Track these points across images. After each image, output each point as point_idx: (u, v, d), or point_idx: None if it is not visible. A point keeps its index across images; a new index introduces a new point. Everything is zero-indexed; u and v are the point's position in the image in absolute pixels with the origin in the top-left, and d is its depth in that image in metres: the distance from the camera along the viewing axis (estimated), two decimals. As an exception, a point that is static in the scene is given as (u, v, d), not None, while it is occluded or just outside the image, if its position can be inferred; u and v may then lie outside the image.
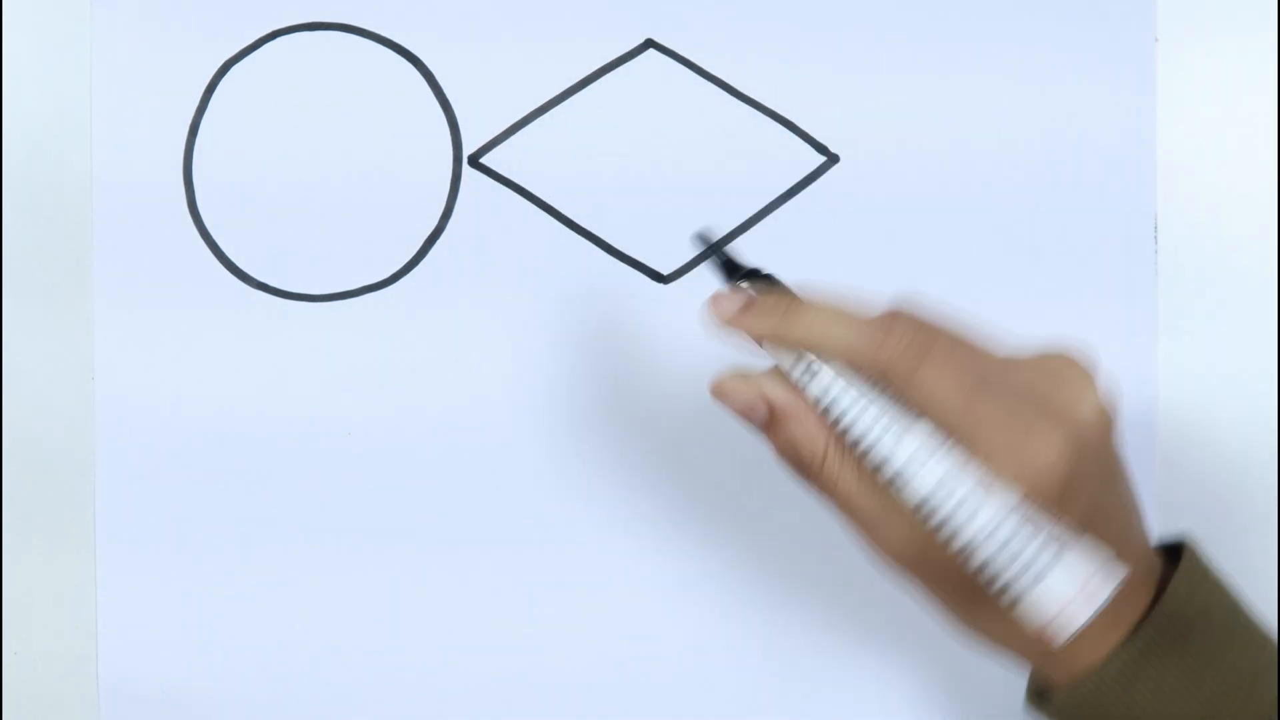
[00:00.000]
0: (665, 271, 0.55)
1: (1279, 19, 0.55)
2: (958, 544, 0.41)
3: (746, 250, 0.55)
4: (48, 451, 0.55)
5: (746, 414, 0.46)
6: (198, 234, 0.55)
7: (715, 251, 0.46)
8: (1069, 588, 0.40)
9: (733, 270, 0.45)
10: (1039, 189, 0.54)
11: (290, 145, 0.54)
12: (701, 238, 0.47)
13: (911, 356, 0.42)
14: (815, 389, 0.43)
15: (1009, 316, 0.54)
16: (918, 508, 0.41)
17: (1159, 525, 0.55)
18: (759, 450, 0.55)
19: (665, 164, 0.55)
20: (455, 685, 0.55)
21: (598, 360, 0.55)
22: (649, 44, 0.55)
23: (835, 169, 0.55)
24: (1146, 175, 0.55)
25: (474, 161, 0.55)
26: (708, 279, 0.54)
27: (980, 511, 0.40)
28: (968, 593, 0.43)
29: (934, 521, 0.41)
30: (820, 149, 0.55)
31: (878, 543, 0.43)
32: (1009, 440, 0.41)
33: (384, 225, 0.55)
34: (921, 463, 0.41)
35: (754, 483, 0.55)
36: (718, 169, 0.55)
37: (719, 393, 0.46)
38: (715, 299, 0.45)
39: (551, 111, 0.55)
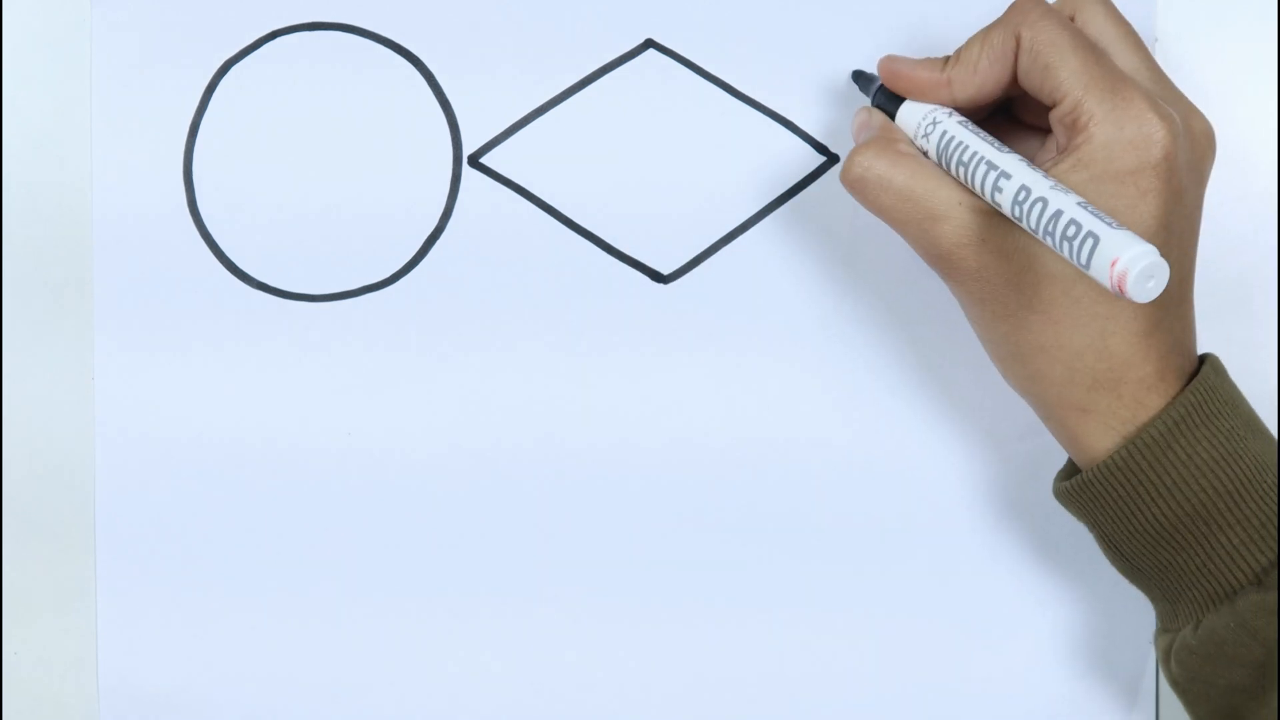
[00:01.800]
0: (665, 271, 0.55)
1: (1279, 19, 0.55)
2: (1034, 225, 0.44)
3: (746, 250, 0.55)
4: (48, 451, 0.55)
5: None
6: (198, 234, 0.55)
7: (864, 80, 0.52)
8: (1136, 245, 0.41)
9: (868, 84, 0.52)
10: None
11: (290, 145, 0.54)
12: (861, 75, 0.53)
13: (1034, 17, 0.46)
14: (935, 134, 0.48)
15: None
16: (1010, 201, 0.44)
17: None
18: (761, 449, 0.55)
19: (665, 164, 0.55)
20: (455, 684, 0.55)
21: (598, 360, 0.55)
22: (649, 44, 0.55)
23: (835, 169, 0.55)
24: (1146, 175, 0.54)
25: (474, 161, 0.55)
26: (708, 279, 0.55)
27: (1059, 197, 0.43)
28: (1021, 294, 0.46)
29: (1017, 213, 0.44)
30: (820, 149, 0.55)
31: (947, 234, 0.46)
32: (1119, 117, 0.45)
33: (384, 225, 0.55)
34: (1015, 169, 0.45)
35: (756, 481, 0.55)
36: (718, 169, 0.55)
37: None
38: (891, 60, 0.50)
39: (551, 111, 0.55)
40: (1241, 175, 0.55)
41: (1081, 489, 0.47)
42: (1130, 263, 0.40)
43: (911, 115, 0.49)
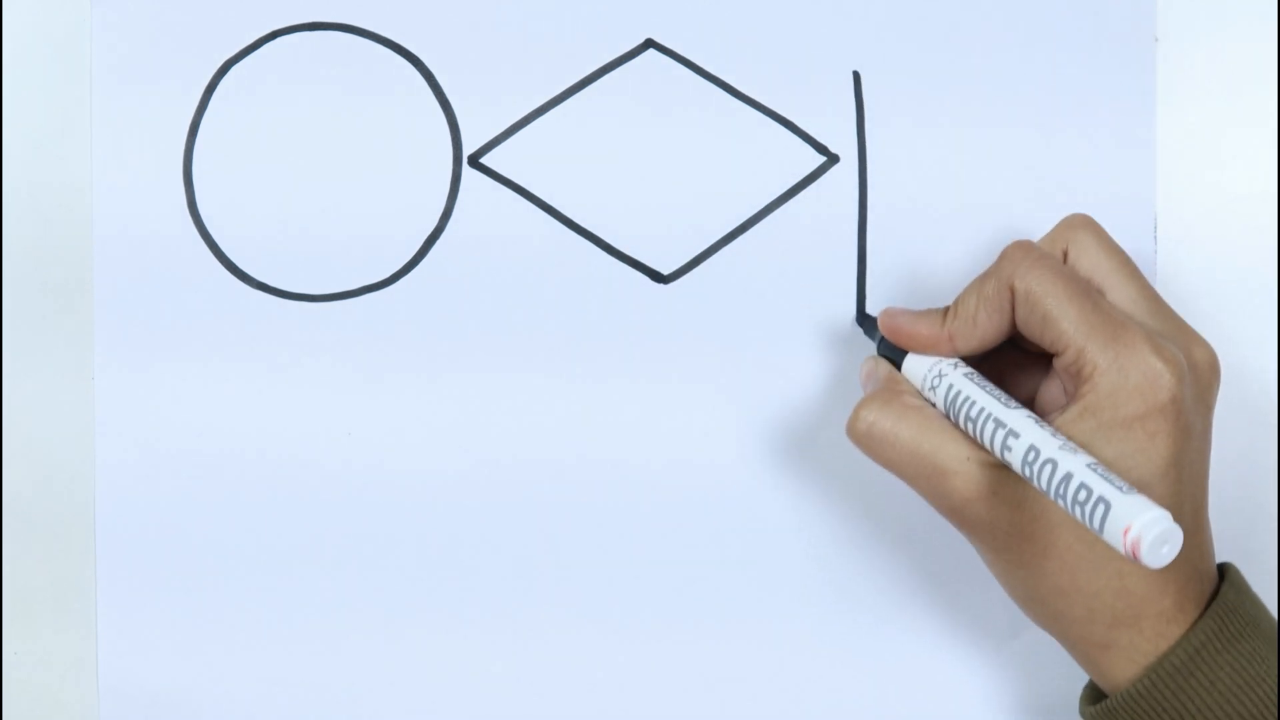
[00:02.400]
0: (665, 271, 0.55)
1: (1279, 19, 0.55)
2: (1045, 486, 0.44)
3: (746, 250, 0.55)
4: (48, 451, 0.55)
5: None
6: (198, 234, 0.55)
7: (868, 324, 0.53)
8: (1148, 511, 0.41)
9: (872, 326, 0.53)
10: (1039, 189, 0.54)
11: (290, 145, 0.54)
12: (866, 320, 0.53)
13: (1026, 266, 0.47)
14: (942, 387, 0.48)
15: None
16: (1020, 461, 0.45)
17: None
18: (764, 450, 0.55)
19: (665, 164, 0.55)
20: (455, 686, 0.55)
21: (598, 360, 0.55)
22: (649, 44, 0.55)
23: (835, 169, 0.55)
24: (1146, 175, 0.55)
25: (474, 161, 0.55)
26: (708, 279, 0.55)
27: (1069, 459, 0.43)
28: (1035, 542, 0.46)
29: (1028, 473, 0.44)
30: (820, 149, 0.55)
31: (957, 488, 0.46)
32: (1123, 364, 0.45)
33: (384, 225, 0.55)
34: (1023, 427, 0.45)
35: (756, 482, 0.55)
36: (718, 169, 0.55)
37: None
38: (890, 314, 0.50)
39: (551, 111, 0.55)
40: (1242, 175, 0.55)
41: (1107, 715, 0.47)
42: (1143, 530, 0.41)
43: (917, 367, 0.49)
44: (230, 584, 0.55)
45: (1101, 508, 0.41)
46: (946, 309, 0.49)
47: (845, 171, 0.55)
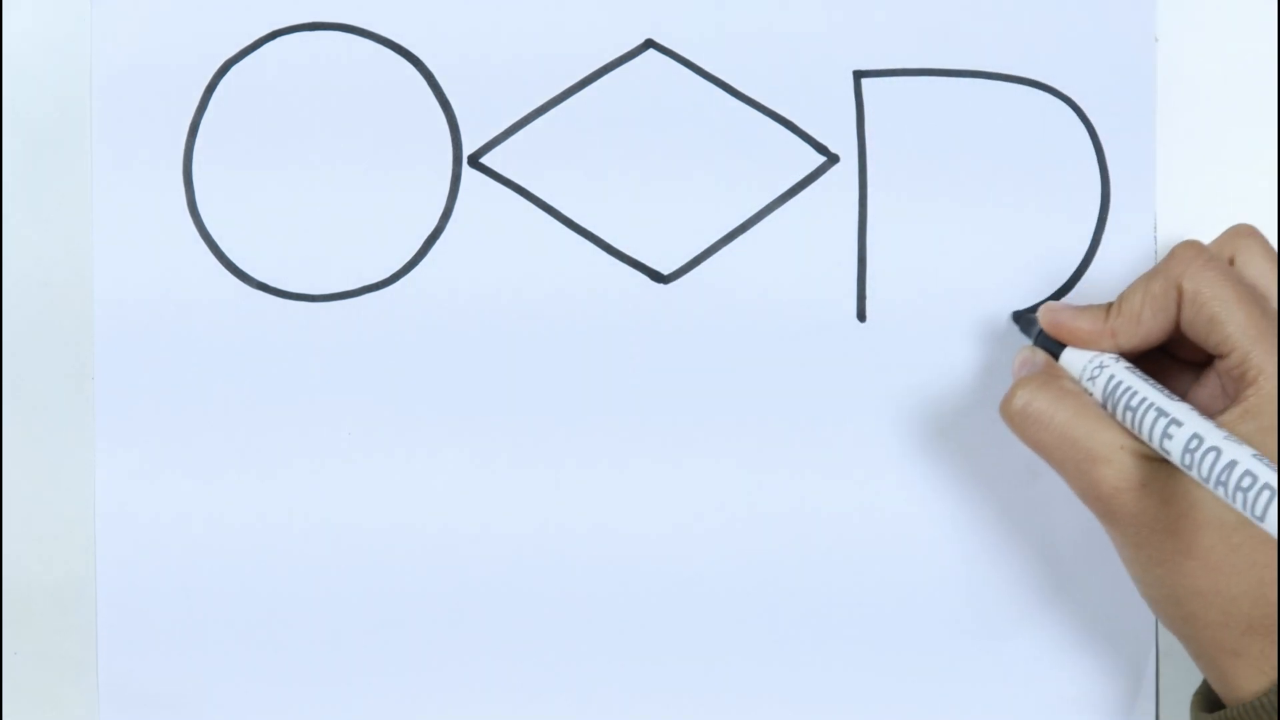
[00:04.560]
0: (665, 271, 0.55)
1: (1279, 19, 0.55)
2: (1206, 475, 0.43)
3: (746, 250, 0.55)
4: (47, 450, 0.55)
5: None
6: (198, 234, 0.55)
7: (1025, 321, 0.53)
8: None
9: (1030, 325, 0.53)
10: (1039, 189, 0.54)
11: (290, 145, 0.54)
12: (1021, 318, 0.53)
13: (1196, 267, 0.47)
14: (1102, 378, 0.48)
15: (1007, 314, 0.54)
16: (1181, 449, 0.44)
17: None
18: (758, 448, 0.55)
19: (665, 164, 0.55)
20: (457, 684, 0.55)
21: (597, 360, 0.55)
22: (649, 44, 0.55)
23: (835, 169, 0.55)
24: (1146, 175, 0.55)
25: (474, 161, 0.55)
26: (707, 279, 0.55)
27: (1233, 447, 0.43)
28: (1179, 539, 0.46)
29: (1188, 461, 0.44)
30: (820, 149, 0.55)
31: (1108, 477, 0.46)
32: None
33: (384, 225, 0.55)
34: (1186, 417, 0.45)
35: (754, 479, 0.55)
36: (718, 169, 0.55)
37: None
38: (1052, 309, 0.50)
39: (551, 111, 0.55)
40: (1242, 175, 0.55)
41: None
42: None
43: (1077, 359, 0.49)
44: (230, 584, 0.55)
45: (1266, 494, 0.41)
46: (1109, 305, 0.49)
47: (845, 171, 0.55)
